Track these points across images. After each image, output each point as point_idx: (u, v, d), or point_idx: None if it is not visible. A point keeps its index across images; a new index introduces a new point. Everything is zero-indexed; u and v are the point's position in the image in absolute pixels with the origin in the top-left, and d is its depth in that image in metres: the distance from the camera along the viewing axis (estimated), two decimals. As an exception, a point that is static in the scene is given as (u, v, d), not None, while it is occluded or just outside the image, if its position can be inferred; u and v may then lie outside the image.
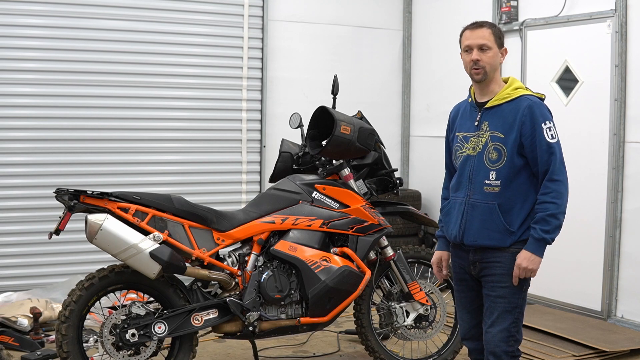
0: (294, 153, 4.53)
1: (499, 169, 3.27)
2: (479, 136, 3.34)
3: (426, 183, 7.28)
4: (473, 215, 3.33)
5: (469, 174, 3.35)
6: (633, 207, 5.42)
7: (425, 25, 7.37)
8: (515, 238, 3.28)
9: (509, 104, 3.28)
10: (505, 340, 3.29)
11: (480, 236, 3.31)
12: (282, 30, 6.86)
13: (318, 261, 4.16)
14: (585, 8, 5.70)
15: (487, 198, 3.29)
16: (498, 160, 3.27)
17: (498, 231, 3.27)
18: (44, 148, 5.99)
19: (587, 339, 4.98)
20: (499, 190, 3.27)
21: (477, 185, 3.32)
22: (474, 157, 3.34)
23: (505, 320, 3.29)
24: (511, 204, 3.27)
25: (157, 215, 3.94)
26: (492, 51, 3.28)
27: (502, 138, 3.27)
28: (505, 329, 3.29)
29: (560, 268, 5.92)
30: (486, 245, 3.31)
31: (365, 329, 4.52)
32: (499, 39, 3.32)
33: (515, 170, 3.26)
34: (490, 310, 3.34)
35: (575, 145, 5.81)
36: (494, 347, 3.30)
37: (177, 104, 6.48)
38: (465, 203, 3.36)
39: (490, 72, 3.30)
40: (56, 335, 3.79)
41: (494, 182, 3.27)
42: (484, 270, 3.35)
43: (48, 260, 5.99)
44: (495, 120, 3.30)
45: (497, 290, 3.31)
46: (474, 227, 3.32)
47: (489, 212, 3.28)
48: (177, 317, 3.92)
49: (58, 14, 5.95)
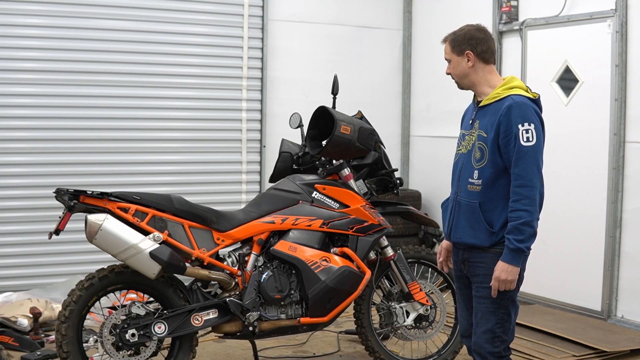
0: (294, 153, 4.53)
1: (482, 168, 3.27)
2: (471, 134, 3.36)
3: (426, 183, 7.28)
4: (459, 213, 3.36)
5: (458, 172, 3.39)
6: (633, 207, 5.42)
7: (425, 25, 7.37)
8: (496, 239, 3.25)
9: (496, 103, 3.28)
10: (489, 341, 3.28)
11: (465, 234, 3.34)
12: (282, 30, 6.86)
13: (318, 261, 4.15)
14: (585, 8, 5.70)
15: (470, 197, 3.30)
16: (481, 159, 3.27)
17: (480, 230, 3.27)
18: (44, 148, 5.99)
19: (587, 339, 4.98)
20: (480, 190, 3.27)
21: (463, 184, 3.35)
22: (465, 155, 3.37)
23: (489, 321, 3.28)
24: (493, 204, 3.25)
25: (157, 215, 3.94)
26: (453, 61, 3.39)
27: (485, 137, 3.27)
28: (490, 329, 3.28)
29: (560, 268, 5.92)
30: (470, 243, 3.33)
31: (365, 329, 4.52)
32: (458, 46, 3.36)
33: (496, 170, 3.23)
34: (475, 310, 3.36)
35: (575, 145, 5.81)
36: (479, 348, 3.32)
37: (177, 104, 6.48)
38: (453, 201, 3.41)
39: (462, 80, 3.40)
40: (56, 335, 3.79)
41: (477, 181, 3.28)
42: (470, 269, 3.38)
43: (48, 260, 5.99)
44: (483, 120, 3.31)
45: (481, 290, 3.31)
46: (461, 225, 3.36)
47: (472, 210, 3.29)
48: (177, 317, 3.92)
49: (58, 14, 5.95)
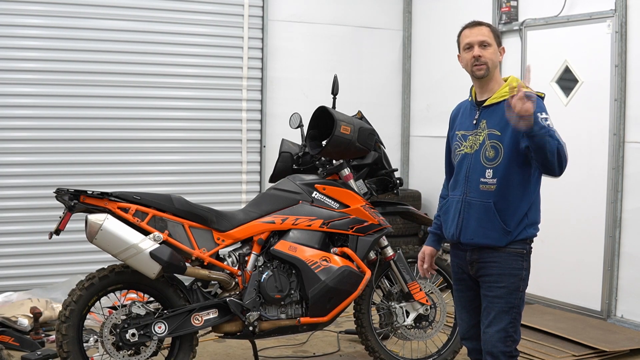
0: (294, 153, 4.53)
1: (496, 167, 3.25)
2: (477, 134, 3.33)
3: (426, 183, 7.28)
4: (469, 213, 3.32)
5: (465, 172, 3.34)
6: (633, 207, 5.42)
7: (425, 25, 7.37)
8: (512, 238, 3.26)
9: (504, 102, 3.23)
10: (502, 341, 3.28)
11: (477, 235, 3.30)
12: (282, 30, 6.86)
13: (318, 261, 4.15)
14: (585, 8, 5.69)
15: (483, 196, 3.28)
16: (495, 159, 3.26)
17: (494, 230, 3.26)
18: (44, 148, 5.99)
19: (587, 339, 4.98)
20: (495, 189, 3.25)
21: (473, 184, 3.31)
22: (471, 155, 3.33)
23: (503, 320, 3.28)
24: (507, 203, 3.25)
25: (157, 215, 3.94)
26: (492, 47, 3.32)
27: (499, 136, 3.25)
28: (503, 329, 3.28)
29: (560, 268, 5.92)
30: (482, 244, 3.30)
31: (365, 329, 4.52)
32: (497, 37, 3.38)
33: (512, 168, 3.24)
34: (487, 310, 3.33)
35: (575, 145, 5.78)
36: (492, 347, 3.30)
37: (177, 104, 6.48)
38: (462, 201, 3.35)
39: (492, 68, 3.32)
40: (56, 335, 3.79)
41: (490, 180, 3.26)
42: (481, 270, 3.35)
43: (48, 260, 5.99)
44: (493, 118, 3.29)
45: (494, 290, 3.30)
46: (471, 226, 3.31)
47: (485, 210, 3.27)
48: (177, 317, 3.92)
49: (58, 14, 5.95)
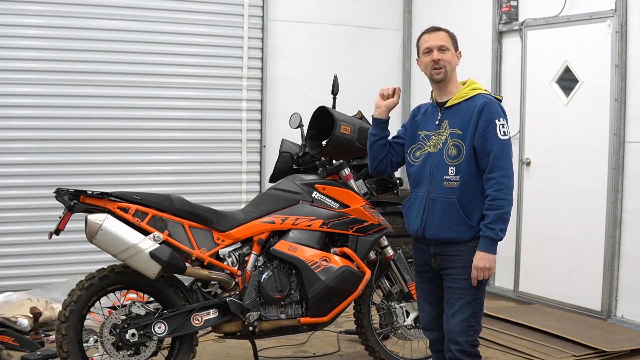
0: (294, 153, 4.53)
1: (459, 165, 3.39)
2: (439, 134, 3.47)
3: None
4: (434, 209, 3.44)
5: (429, 170, 3.47)
6: (633, 207, 5.42)
7: (425, 25, 7.32)
8: (475, 232, 3.39)
9: (467, 102, 3.44)
10: (465, 330, 3.41)
11: (441, 229, 3.43)
12: (282, 30, 6.86)
13: (318, 261, 4.15)
14: (585, 8, 5.70)
15: (447, 193, 3.41)
16: (457, 156, 3.40)
17: (458, 224, 3.39)
18: (44, 148, 5.99)
19: (587, 339, 4.98)
20: (458, 185, 3.39)
21: (437, 181, 3.44)
22: (435, 154, 3.46)
23: (466, 311, 3.41)
24: (470, 199, 3.39)
25: (157, 215, 3.94)
26: (450, 52, 3.48)
27: (461, 134, 3.40)
28: (466, 319, 3.41)
29: (560, 268, 5.92)
30: (446, 238, 3.43)
31: (365, 329, 4.52)
32: (455, 42, 3.54)
33: (474, 166, 3.38)
34: (451, 301, 3.45)
35: (575, 145, 5.81)
36: (455, 336, 3.42)
37: (177, 104, 6.48)
38: (426, 198, 3.47)
39: (450, 72, 3.47)
40: (56, 335, 3.78)
41: (454, 177, 3.40)
42: (444, 263, 3.47)
43: (48, 260, 5.99)
44: (454, 118, 3.44)
45: (458, 282, 3.42)
46: (435, 221, 3.44)
47: (449, 206, 3.40)
48: (177, 317, 3.91)
49: (58, 14, 5.96)
